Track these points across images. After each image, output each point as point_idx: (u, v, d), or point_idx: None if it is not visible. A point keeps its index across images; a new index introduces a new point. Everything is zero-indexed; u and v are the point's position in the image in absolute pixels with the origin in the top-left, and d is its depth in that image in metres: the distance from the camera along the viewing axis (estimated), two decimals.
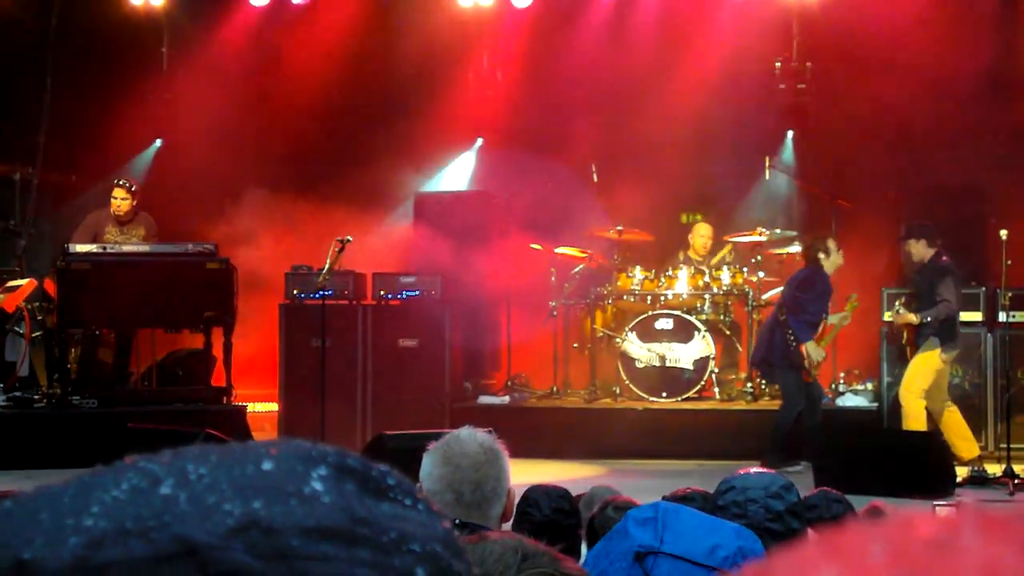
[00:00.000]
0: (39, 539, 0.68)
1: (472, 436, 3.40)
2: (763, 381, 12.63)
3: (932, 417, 10.81)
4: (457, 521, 3.18)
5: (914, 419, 10.71)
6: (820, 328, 11.12)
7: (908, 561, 0.64)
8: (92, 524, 0.69)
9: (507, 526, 3.63)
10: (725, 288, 12.96)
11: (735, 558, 3.10)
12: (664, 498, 4.26)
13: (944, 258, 10.91)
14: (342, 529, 0.71)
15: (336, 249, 11.02)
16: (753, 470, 3.67)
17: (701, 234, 13.58)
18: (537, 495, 4.70)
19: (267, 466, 0.73)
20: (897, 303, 10.97)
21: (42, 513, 0.70)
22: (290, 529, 0.69)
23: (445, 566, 0.74)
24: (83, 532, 0.68)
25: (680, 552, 3.12)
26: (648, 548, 3.11)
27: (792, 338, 10.83)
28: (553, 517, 4.59)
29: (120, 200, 12.10)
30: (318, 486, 0.73)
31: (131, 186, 12.26)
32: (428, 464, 3.35)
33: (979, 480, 10.15)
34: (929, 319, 10.68)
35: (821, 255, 10.94)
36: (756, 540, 3.14)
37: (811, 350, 10.83)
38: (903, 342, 11.09)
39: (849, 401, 12.44)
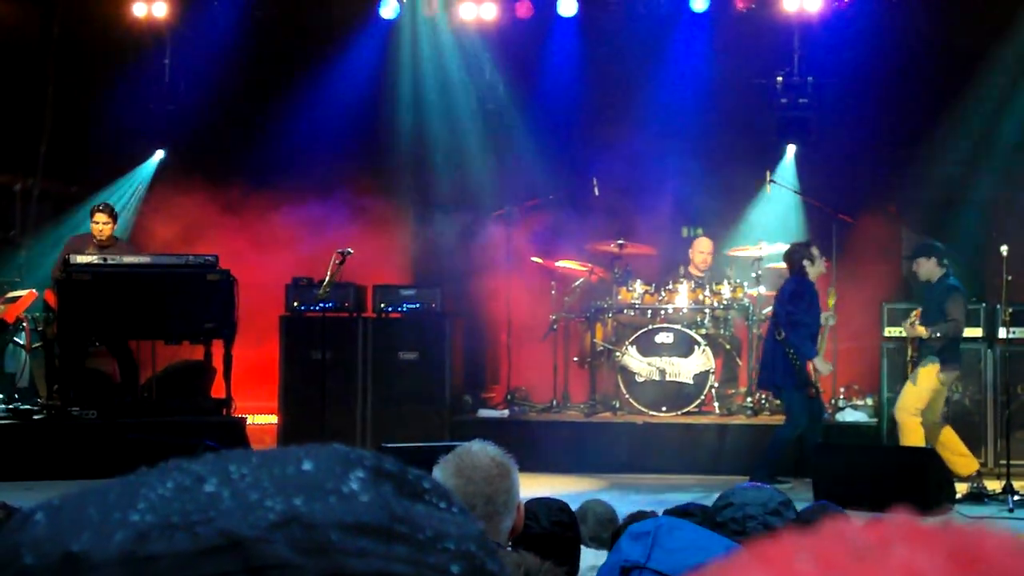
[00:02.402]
0: (87, 533, 0.70)
1: (484, 449, 3.42)
2: (764, 397, 12.63)
3: (926, 436, 10.81)
4: None
5: (911, 437, 10.70)
6: (819, 338, 11.13)
7: (834, 570, 0.65)
8: (138, 519, 0.71)
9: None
10: (725, 302, 12.96)
11: None
12: (667, 512, 4.26)
13: (952, 278, 10.92)
14: (380, 526, 0.73)
15: (336, 261, 11.02)
16: (751, 485, 3.66)
17: (701, 249, 13.59)
18: (536, 508, 4.68)
19: (307, 466, 0.75)
20: (912, 314, 10.93)
21: (89, 509, 0.72)
22: (330, 525, 0.71)
23: (479, 564, 0.76)
24: (130, 526, 0.70)
25: (664, 569, 3.12)
26: (633, 564, 3.13)
27: (795, 357, 10.78)
28: (552, 530, 4.57)
29: (102, 224, 12.09)
30: (356, 486, 0.75)
31: (112, 210, 12.28)
32: (439, 476, 3.35)
33: (979, 496, 10.14)
34: (938, 335, 10.68)
35: (806, 262, 10.94)
36: None
37: (819, 365, 10.82)
38: (907, 359, 11.07)
39: (849, 416, 12.43)
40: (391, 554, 0.72)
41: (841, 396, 12.77)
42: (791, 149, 14.56)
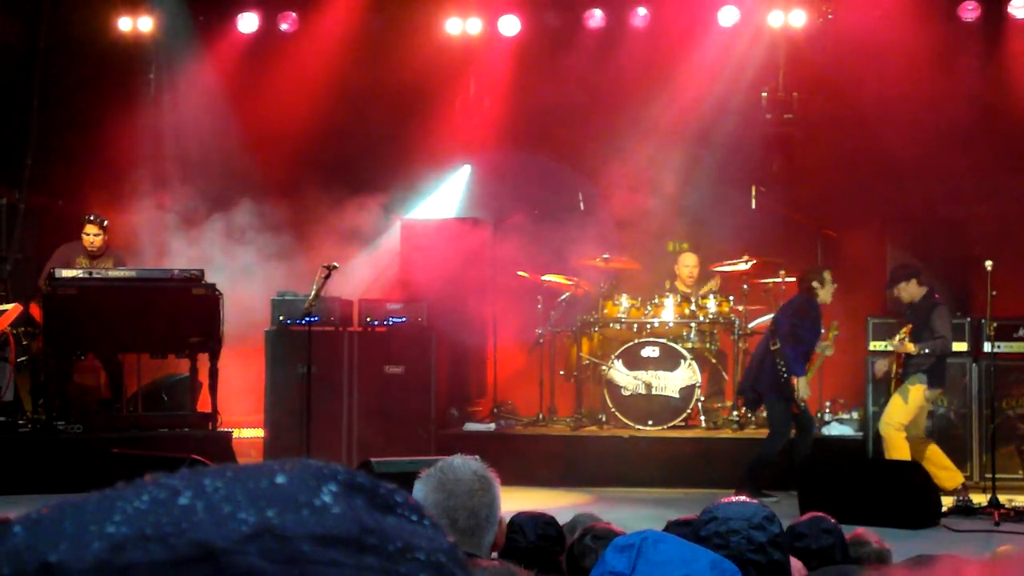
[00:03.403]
0: (64, 544, 0.72)
1: (466, 463, 3.42)
2: (748, 411, 12.64)
3: (911, 450, 10.83)
4: None
5: (896, 451, 10.73)
6: (811, 361, 11.15)
7: None
8: (114, 531, 0.72)
9: (494, 554, 3.63)
10: (711, 316, 12.99)
11: None
12: (668, 523, 4.26)
13: (936, 295, 10.95)
14: (351, 537, 0.74)
15: (322, 275, 11.01)
16: (735, 499, 3.66)
17: (687, 264, 13.61)
18: (523, 521, 4.69)
19: (280, 480, 0.77)
20: (903, 331, 10.95)
21: (67, 521, 0.73)
22: (302, 536, 0.72)
23: (449, 574, 0.77)
24: (105, 538, 0.71)
25: None
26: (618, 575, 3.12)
27: (783, 369, 10.81)
28: (539, 544, 4.59)
29: (93, 236, 12.13)
30: (328, 499, 0.76)
31: (103, 222, 12.29)
32: (421, 490, 3.35)
33: (964, 510, 10.16)
34: (927, 351, 10.71)
35: (816, 284, 10.97)
36: (735, 574, 3.14)
37: (801, 386, 10.82)
38: (892, 375, 11.09)
39: (835, 430, 12.45)
40: (362, 564, 0.73)
41: (827, 410, 12.79)
42: (777, 164, 14.59)
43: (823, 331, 11.17)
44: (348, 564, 0.72)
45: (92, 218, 12.26)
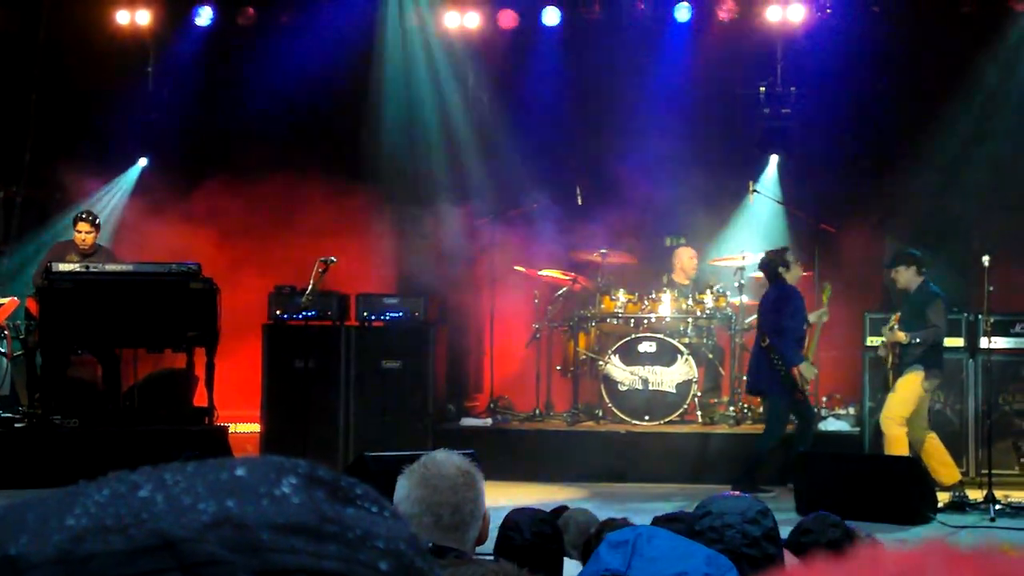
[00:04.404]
0: (24, 537, 0.72)
1: (449, 458, 3.38)
2: (746, 406, 12.66)
3: (912, 444, 10.83)
4: (432, 545, 3.17)
5: (896, 446, 10.72)
6: (806, 340, 11.16)
7: None
8: (74, 523, 0.73)
9: (480, 549, 3.61)
10: (708, 312, 12.99)
11: None
12: (655, 519, 4.26)
13: (932, 285, 10.95)
14: (310, 526, 0.74)
15: (319, 270, 11.00)
16: (730, 494, 3.66)
17: (690, 256, 13.62)
18: (519, 518, 4.67)
19: (240, 472, 0.77)
20: (892, 319, 10.96)
21: (28, 515, 0.74)
22: (261, 525, 0.73)
23: (408, 562, 0.77)
24: (66, 530, 0.72)
25: None
26: (614, 572, 3.12)
27: (780, 363, 10.81)
28: (535, 541, 4.57)
29: (84, 234, 12.11)
30: (288, 490, 0.77)
31: (95, 219, 12.28)
32: (404, 486, 3.32)
33: (960, 506, 10.17)
34: (918, 340, 10.71)
35: (781, 269, 10.97)
36: (730, 568, 3.14)
37: (804, 370, 10.84)
38: (888, 366, 11.10)
39: (831, 425, 12.46)
40: (321, 552, 0.73)
41: (823, 405, 12.80)
42: (774, 159, 14.60)
43: (810, 313, 11.18)
44: (307, 551, 0.73)
45: (84, 215, 12.25)
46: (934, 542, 0.69)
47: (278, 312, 12.65)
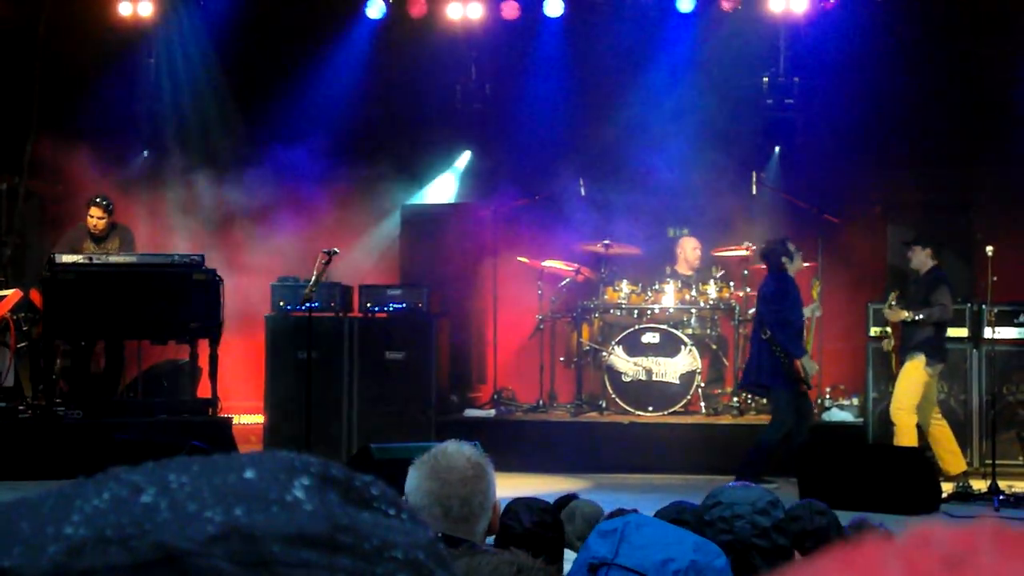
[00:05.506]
0: (18, 547, 0.68)
1: (459, 450, 3.37)
2: (750, 397, 12.64)
3: (921, 431, 10.82)
4: (441, 535, 3.16)
5: (906, 435, 10.71)
6: (805, 334, 11.14)
7: None
8: (72, 532, 0.69)
9: (490, 540, 3.61)
10: (712, 302, 12.98)
11: (687, 572, 3.12)
12: (657, 513, 4.26)
13: (942, 271, 10.95)
14: (323, 536, 0.71)
15: (323, 261, 10.99)
16: (739, 484, 3.66)
17: (693, 246, 13.60)
18: (518, 508, 4.66)
19: (249, 475, 0.73)
20: (891, 296, 10.93)
21: (22, 522, 0.70)
22: (271, 536, 0.69)
23: (427, 574, 0.74)
24: (63, 540, 0.68)
25: (632, 564, 3.13)
26: (601, 560, 3.13)
27: (783, 355, 10.77)
28: (534, 530, 4.55)
29: (96, 219, 12.13)
30: (300, 494, 0.73)
31: (108, 204, 12.27)
32: (415, 478, 3.31)
33: (964, 496, 10.17)
34: (921, 317, 10.69)
35: (785, 259, 10.89)
36: (718, 555, 3.15)
37: (806, 364, 10.81)
38: (890, 350, 11.08)
39: (835, 416, 12.45)
40: (334, 565, 0.70)
41: (827, 396, 12.79)
42: (777, 149, 14.58)
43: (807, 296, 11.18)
44: (320, 565, 0.69)
45: (97, 200, 12.25)
46: (986, 521, 0.68)
47: (281, 303, 12.64)
